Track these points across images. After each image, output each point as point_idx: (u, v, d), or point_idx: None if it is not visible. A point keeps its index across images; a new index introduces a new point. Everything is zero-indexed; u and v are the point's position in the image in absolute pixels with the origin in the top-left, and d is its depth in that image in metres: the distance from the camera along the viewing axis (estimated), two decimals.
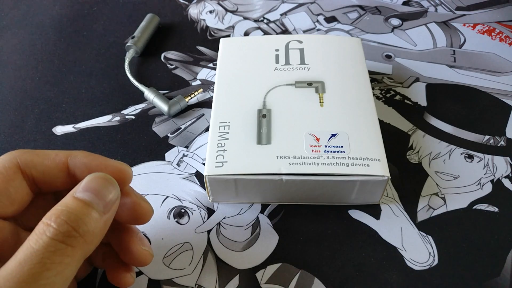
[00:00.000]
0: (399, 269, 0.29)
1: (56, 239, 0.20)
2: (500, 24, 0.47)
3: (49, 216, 0.20)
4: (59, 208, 0.21)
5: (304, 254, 0.30)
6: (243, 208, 0.32)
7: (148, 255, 0.25)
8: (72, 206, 0.21)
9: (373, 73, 0.42)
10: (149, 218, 0.26)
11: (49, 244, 0.19)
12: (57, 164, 0.24)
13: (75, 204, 0.21)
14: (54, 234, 0.20)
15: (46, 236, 0.20)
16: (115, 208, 0.23)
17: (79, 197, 0.21)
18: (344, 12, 0.48)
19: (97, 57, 0.44)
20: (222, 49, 0.38)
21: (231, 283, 0.28)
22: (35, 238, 0.20)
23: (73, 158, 0.24)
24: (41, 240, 0.19)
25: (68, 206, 0.21)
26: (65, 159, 0.24)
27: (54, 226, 0.20)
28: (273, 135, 0.31)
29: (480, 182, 0.33)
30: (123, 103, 0.40)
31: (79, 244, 0.20)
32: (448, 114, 0.38)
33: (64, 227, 0.20)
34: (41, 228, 0.20)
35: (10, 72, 0.43)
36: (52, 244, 0.19)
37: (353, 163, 0.29)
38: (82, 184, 0.22)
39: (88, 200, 0.21)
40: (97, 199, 0.22)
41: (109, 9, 0.50)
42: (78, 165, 0.24)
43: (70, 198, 0.21)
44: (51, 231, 0.20)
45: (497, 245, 0.30)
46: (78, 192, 0.22)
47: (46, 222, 0.20)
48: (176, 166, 0.35)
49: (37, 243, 0.19)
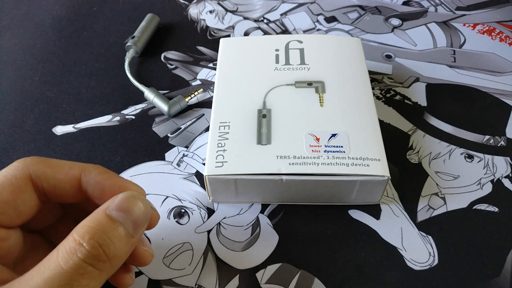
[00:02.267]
0: (399, 269, 0.29)
1: (87, 262, 0.19)
2: (500, 24, 0.47)
3: (82, 234, 0.20)
4: (92, 226, 0.20)
5: (304, 254, 0.30)
6: (243, 208, 0.32)
7: (149, 255, 0.25)
8: (105, 226, 0.20)
9: (373, 73, 0.42)
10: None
11: (79, 266, 0.19)
12: (70, 179, 0.23)
13: (108, 224, 0.20)
14: (86, 257, 0.19)
15: (77, 257, 0.19)
16: (143, 230, 0.23)
17: (112, 216, 0.21)
18: (344, 12, 0.48)
19: (97, 57, 0.44)
20: (222, 49, 0.38)
21: (231, 283, 0.28)
22: (65, 256, 0.19)
23: (87, 175, 0.23)
24: (71, 260, 0.19)
25: (101, 225, 0.20)
26: (78, 175, 0.23)
27: (87, 248, 0.19)
28: (273, 135, 0.31)
29: (480, 182, 0.33)
30: (123, 103, 0.40)
31: (105, 268, 0.20)
32: (448, 114, 0.38)
33: (96, 251, 0.19)
34: (72, 246, 0.19)
35: (10, 72, 0.43)
36: (82, 267, 0.19)
37: (353, 163, 0.29)
38: (116, 201, 0.21)
39: (120, 220, 0.21)
40: (128, 220, 0.21)
41: (109, 9, 0.50)
42: (91, 183, 0.23)
43: (103, 216, 0.21)
44: (83, 253, 0.19)
45: (497, 245, 0.30)
46: (111, 210, 0.21)
47: (78, 240, 0.19)
48: (176, 166, 0.35)
49: (67, 264, 0.19)
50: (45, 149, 0.36)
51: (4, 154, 0.36)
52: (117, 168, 0.35)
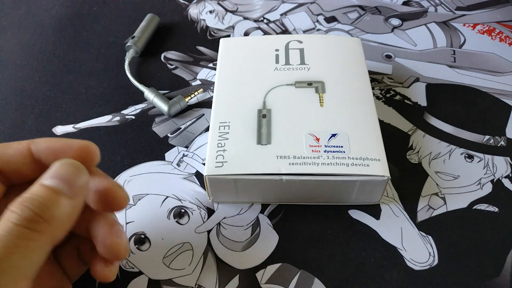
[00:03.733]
0: (399, 269, 0.29)
1: (20, 224, 0.20)
2: (500, 24, 0.47)
3: (15, 204, 0.21)
4: (25, 195, 0.21)
5: (304, 254, 0.30)
6: (243, 208, 0.32)
7: (121, 249, 0.25)
8: (38, 192, 0.21)
9: (373, 73, 0.42)
10: (124, 205, 0.25)
11: (12, 229, 0.20)
12: (20, 152, 0.24)
13: (41, 191, 0.21)
14: (18, 220, 0.20)
15: (10, 222, 0.20)
16: (84, 193, 0.23)
17: (46, 184, 0.21)
18: (344, 12, 0.48)
19: (97, 57, 0.44)
20: (222, 49, 0.38)
21: (231, 283, 0.28)
22: (0, 224, 0.20)
23: (35, 144, 0.24)
24: (5, 225, 0.20)
25: (33, 193, 0.21)
26: (27, 146, 0.24)
27: (18, 212, 0.20)
28: (273, 135, 0.31)
29: (480, 182, 0.33)
30: (123, 103, 0.40)
31: (44, 229, 0.21)
32: (448, 114, 0.38)
33: (26, 213, 0.20)
34: (6, 215, 0.20)
35: (10, 72, 0.43)
36: (15, 229, 0.20)
37: (353, 163, 0.29)
38: (50, 171, 0.22)
39: (54, 186, 0.21)
40: (64, 184, 0.22)
41: (109, 9, 0.50)
42: (42, 150, 0.24)
43: (37, 186, 0.22)
44: (14, 217, 0.20)
45: (497, 245, 0.30)
46: (45, 179, 0.22)
47: (11, 209, 0.20)
48: (176, 166, 0.35)
49: (1, 229, 0.20)
50: None
51: None
52: (117, 168, 0.35)
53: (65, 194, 0.22)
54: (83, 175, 0.23)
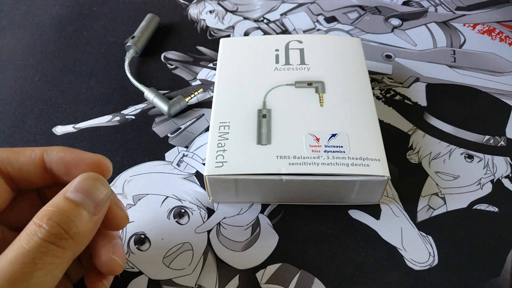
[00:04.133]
0: (399, 269, 0.29)
1: (48, 240, 0.20)
2: (500, 24, 0.47)
3: (41, 217, 0.20)
4: (51, 209, 0.21)
5: (304, 254, 0.30)
6: (243, 208, 0.32)
7: (116, 265, 0.25)
8: (64, 207, 0.21)
9: (373, 73, 0.42)
10: (122, 226, 0.25)
11: (40, 245, 0.20)
12: (33, 160, 0.24)
13: (66, 205, 0.21)
14: (46, 236, 0.20)
15: (37, 237, 0.20)
16: (105, 209, 0.23)
17: (71, 198, 0.21)
18: (344, 12, 0.48)
19: (97, 57, 0.44)
20: (222, 49, 0.38)
21: (231, 283, 0.28)
22: (27, 238, 0.20)
23: (48, 153, 0.24)
24: (32, 240, 0.20)
25: (60, 207, 0.21)
26: (40, 155, 0.24)
27: (46, 228, 0.20)
28: (273, 135, 0.31)
29: (480, 182, 0.33)
30: (123, 103, 0.40)
31: (69, 246, 0.21)
32: (448, 114, 0.38)
33: (55, 229, 0.20)
34: (32, 228, 0.20)
35: (10, 72, 0.43)
36: (43, 245, 0.20)
37: (353, 163, 0.29)
38: (74, 183, 0.22)
39: (79, 201, 0.21)
40: (88, 200, 0.22)
41: (109, 9, 0.50)
42: (54, 160, 0.24)
43: (62, 199, 0.21)
44: (43, 233, 0.20)
45: (497, 245, 0.30)
46: (70, 192, 0.22)
47: (37, 223, 0.20)
48: (176, 166, 0.35)
49: (29, 243, 0.19)
50: None
51: None
52: (117, 168, 0.35)
53: (89, 210, 0.22)
54: (106, 190, 0.23)
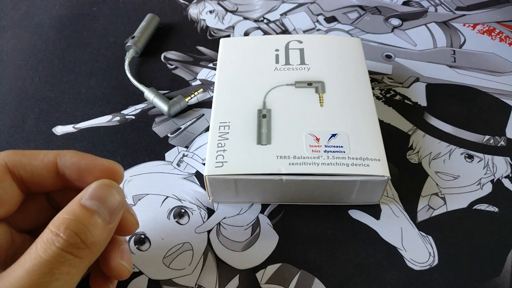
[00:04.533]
0: (399, 269, 0.29)
1: (66, 250, 0.20)
2: (500, 24, 0.47)
3: (58, 226, 0.20)
4: (67, 217, 0.21)
5: (304, 254, 0.30)
6: (243, 208, 0.32)
7: (124, 271, 0.25)
8: (80, 215, 0.21)
9: (373, 73, 0.42)
10: (132, 232, 0.25)
11: (58, 254, 0.19)
12: (46, 164, 0.24)
13: (83, 214, 0.21)
14: (64, 245, 0.20)
15: (55, 247, 0.20)
16: (119, 217, 0.23)
17: (86, 206, 0.21)
18: (344, 12, 0.48)
19: (97, 57, 0.44)
20: (222, 49, 0.38)
21: (231, 283, 0.28)
22: (44, 247, 0.20)
23: (62, 158, 0.24)
24: (50, 250, 0.19)
25: (76, 215, 0.21)
26: (53, 159, 0.24)
27: (64, 237, 0.20)
28: (273, 135, 0.31)
29: (480, 182, 0.33)
30: (123, 103, 0.40)
31: (85, 255, 0.21)
32: (448, 114, 0.38)
33: (73, 239, 0.20)
34: (49, 237, 0.20)
35: (10, 72, 0.43)
36: (61, 255, 0.20)
37: (353, 163, 0.29)
38: (89, 191, 0.22)
39: (94, 209, 0.21)
40: (103, 208, 0.22)
41: (109, 9, 0.50)
42: (67, 165, 0.24)
43: (77, 206, 0.21)
44: (61, 242, 0.20)
45: (497, 245, 0.30)
46: (85, 200, 0.21)
47: (54, 231, 0.20)
48: (176, 166, 0.35)
49: (46, 253, 0.19)
50: (45, 149, 0.36)
51: None
52: None
53: (104, 218, 0.22)
54: (121, 198, 0.23)
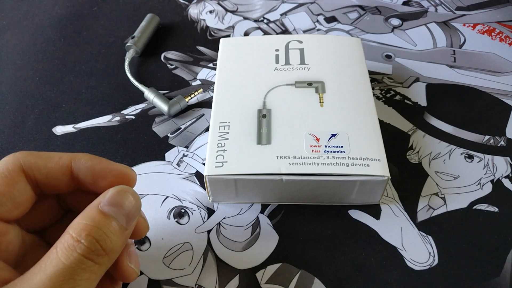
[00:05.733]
0: (399, 269, 0.29)
1: (87, 257, 0.20)
2: (500, 24, 0.47)
3: (78, 232, 0.20)
4: (88, 223, 0.21)
5: (304, 254, 0.30)
6: (243, 208, 0.32)
7: (133, 273, 0.25)
8: (100, 222, 0.21)
9: (373, 73, 0.42)
10: (143, 235, 0.25)
11: (80, 261, 0.20)
12: (61, 167, 0.24)
13: (102, 220, 0.21)
14: (86, 252, 0.20)
15: (77, 253, 0.20)
16: (135, 222, 0.23)
17: (105, 211, 0.21)
18: (344, 12, 0.48)
19: (97, 57, 0.44)
20: (222, 49, 0.38)
21: (231, 283, 0.28)
22: (65, 253, 0.20)
23: (76, 162, 0.24)
24: (72, 256, 0.20)
25: (96, 222, 0.21)
26: (68, 162, 0.24)
27: (85, 244, 0.20)
28: (273, 135, 0.31)
29: (480, 182, 0.33)
30: (123, 103, 0.40)
31: (104, 262, 0.21)
32: (448, 114, 0.38)
33: (94, 246, 0.20)
34: (70, 243, 0.20)
35: (10, 72, 0.43)
36: (83, 262, 0.20)
37: (353, 163, 0.29)
38: (107, 197, 0.22)
39: (113, 215, 0.22)
40: (120, 214, 0.22)
41: (109, 9, 0.50)
42: (82, 169, 0.24)
43: (96, 212, 0.21)
44: (82, 249, 0.20)
45: (497, 245, 0.30)
46: (104, 206, 0.22)
47: (75, 237, 0.20)
48: (176, 166, 0.35)
49: (68, 259, 0.20)
50: (45, 149, 0.36)
51: (4, 154, 0.36)
52: None
53: (121, 224, 0.22)
54: (138, 204, 0.23)
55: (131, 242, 0.26)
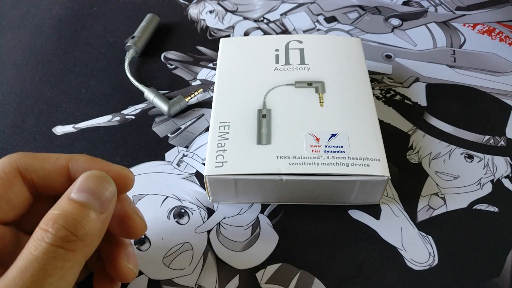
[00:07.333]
0: (399, 269, 0.29)
1: (56, 244, 0.19)
2: (500, 24, 0.47)
3: (46, 221, 0.20)
4: (56, 212, 0.20)
5: (304, 254, 0.30)
6: (243, 208, 0.32)
7: (131, 274, 0.25)
8: (69, 209, 0.21)
9: (373, 73, 0.42)
10: (140, 234, 0.25)
11: (48, 250, 0.19)
12: (58, 169, 0.24)
13: (72, 207, 0.21)
14: (53, 240, 0.19)
15: (44, 243, 0.19)
16: (112, 205, 0.23)
17: (75, 199, 0.21)
18: (344, 12, 0.48)
19: (97, 57, 0.44)
20: (222, 49, 0.38)
21: (231, 283, 0.28)
22: (34, 244, 0.19)
23: (74, 163, 0.24)
24: (40, 246, 0.19)
25: (65, 210, 0.21)
26: (65, 164, 0.24)
27: (52, 232, 0.20)
28: (273, 135, 0.31)
29: (480, 182, 0.33)
30: (123, 103, 0.40)
31: (79, 248, 0.20)
32: (448, 114, 0.38)
33: (62, 232, 0.20)
34: (39, 234, 0.20)
35: (10, 72, 0.43)
36: (51, 250, 0.19)
37: (353, 163, 0.29)
38: (77, 184, 0.22)
39: (84, 201, 0.21)
40: (93, 199, 0.21)
41: (109, 9, 0.50)
42: (79, 170, 0.24)
43: (66, 201, 0.21)
44: (50, 237, 0.19)
45: (497, 245, 0.30)
46: (73, 194, 0.21)
47: (43, 227, 0.20)
48: (176, 166, 0.35)
49: (37, 250, 0.19)
50: (45, 149, 0.36)
51: (4, 154, 0.36)
52: None
53: (95, 209, 0.21)
54: (111, 187, 0.22)
55: (130, 242, 0.26)
